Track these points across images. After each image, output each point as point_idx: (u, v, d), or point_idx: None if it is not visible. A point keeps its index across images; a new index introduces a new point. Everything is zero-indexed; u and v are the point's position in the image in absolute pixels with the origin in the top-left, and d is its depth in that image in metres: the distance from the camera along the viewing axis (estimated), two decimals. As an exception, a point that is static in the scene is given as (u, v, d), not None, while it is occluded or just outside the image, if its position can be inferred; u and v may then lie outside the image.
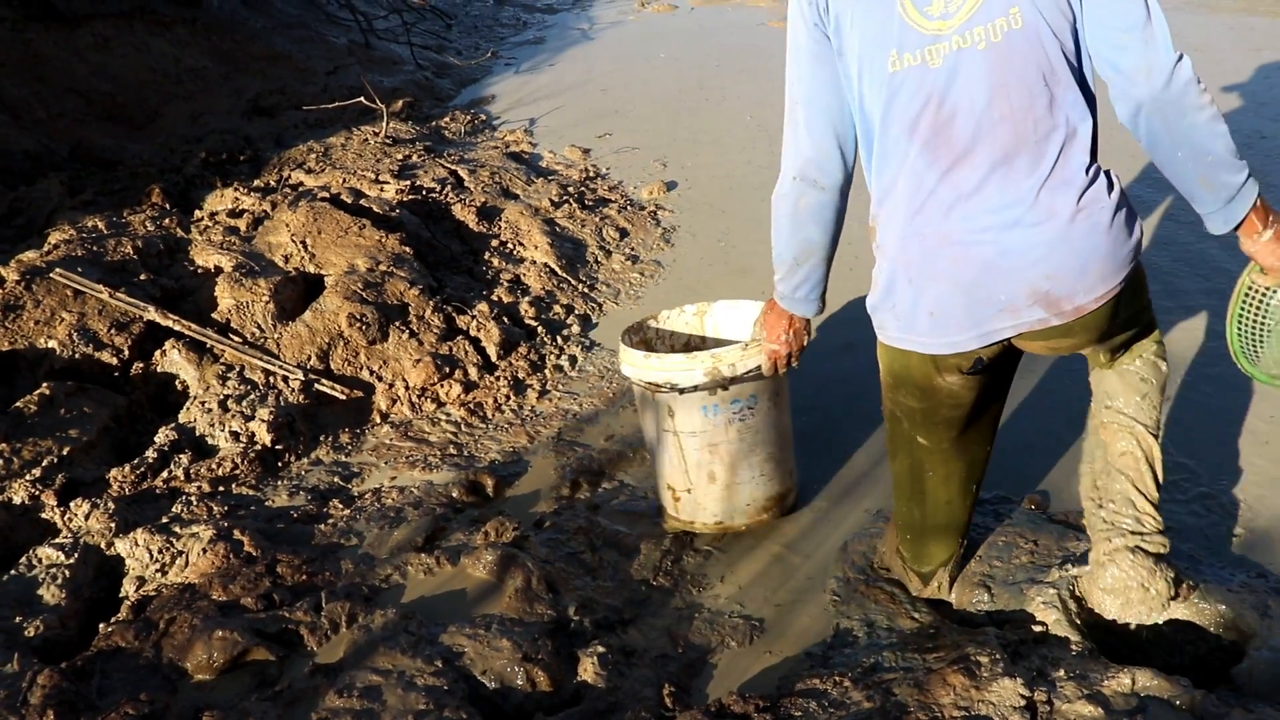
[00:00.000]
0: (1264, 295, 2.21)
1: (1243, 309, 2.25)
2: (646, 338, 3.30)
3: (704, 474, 3.01)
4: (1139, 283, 2.27)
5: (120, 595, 2.88)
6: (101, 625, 2.70)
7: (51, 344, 3.70)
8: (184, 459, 3.38)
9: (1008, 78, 2.00)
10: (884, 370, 2.43)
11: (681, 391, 2.88)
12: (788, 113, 2.27)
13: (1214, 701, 2.25)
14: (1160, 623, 2.59)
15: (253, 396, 3.64)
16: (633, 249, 5.06)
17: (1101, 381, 2.55)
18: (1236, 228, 2.09)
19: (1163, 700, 2.25)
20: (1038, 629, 2.63)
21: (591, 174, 5.97)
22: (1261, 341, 2.26)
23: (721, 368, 2.81)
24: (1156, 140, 2.05)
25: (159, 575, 2.89)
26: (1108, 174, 2.11)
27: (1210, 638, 2.57)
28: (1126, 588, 2.53)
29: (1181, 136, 2.01)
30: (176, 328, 3.78)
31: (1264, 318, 2.22)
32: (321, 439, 3.60)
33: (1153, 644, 2.60)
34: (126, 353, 3.73)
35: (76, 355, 3.68)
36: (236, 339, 3.84)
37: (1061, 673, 2.36)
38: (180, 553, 2.94)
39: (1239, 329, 2.27)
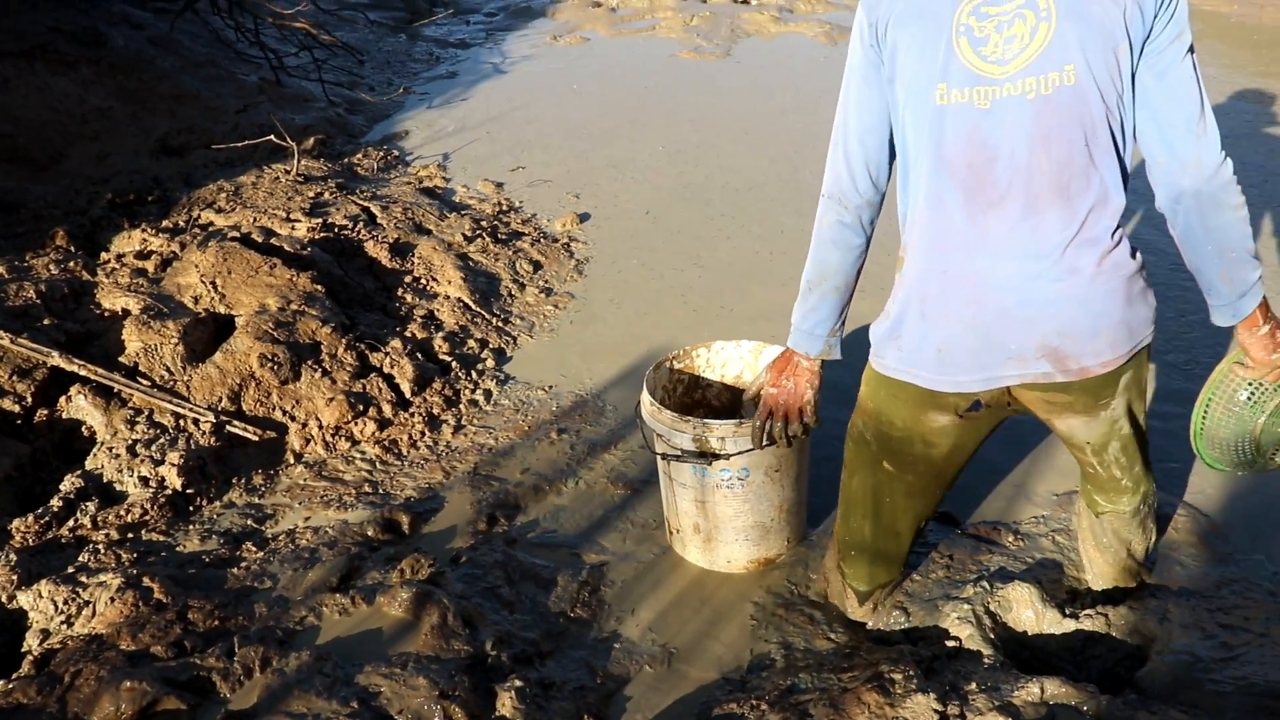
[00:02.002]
0: (1237, 387, 2.31)
1: (1213, 395, 2.35)
2: (695, 365, 3.31)
3: (690, 522, 3.03)
4: (1144, 369, 2.32)
5: (23, 650, 2.80)
6: (1, 683, 2.62)
7: (-50, 393, 3.61)
8: (91, 507, 3.31)
9: (1051, 131, 2.03)
10: (867, 395, 2.45)
11: (671, 457, 2.89)
12: (833, 130, 2.28)
13: (1119, 706, 2.32)
14: (1070, 631, 2.67)
15: (162, 440, 3.58)
16: (546, 281, 5.08)
17: (1088, 552, 2.76)
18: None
19: (1071, 707, 2.31)
20: (952, 644, 2.68)
21: (505, 207, 5.98)
22: (1222, 426, 2.37)
23: (710, 438, 2.80)
24: (1190, 230, 2.13)
25: (64, 627, 2.82)
26: (1132, 246, 2.16)
27: (1116, 644, 2.64)
28: None
29: (1214, 231, 2.10)
30: (82, 372, 3.70)
31: (1232, 407, 2.33)
32: (234, 481, 3.55)
33: (1063, 654, 2.67)
34: (29, 400, 3.64)
35: (-23, 404, 3.59)
36: (145, 382, 3.78)
37: (974, 686, 2.41)
38: (87, 603, 2.87)
39: (1206, 410, 2.37)
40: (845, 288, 2.40)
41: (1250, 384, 2.30)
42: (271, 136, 6.44)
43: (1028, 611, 2.72)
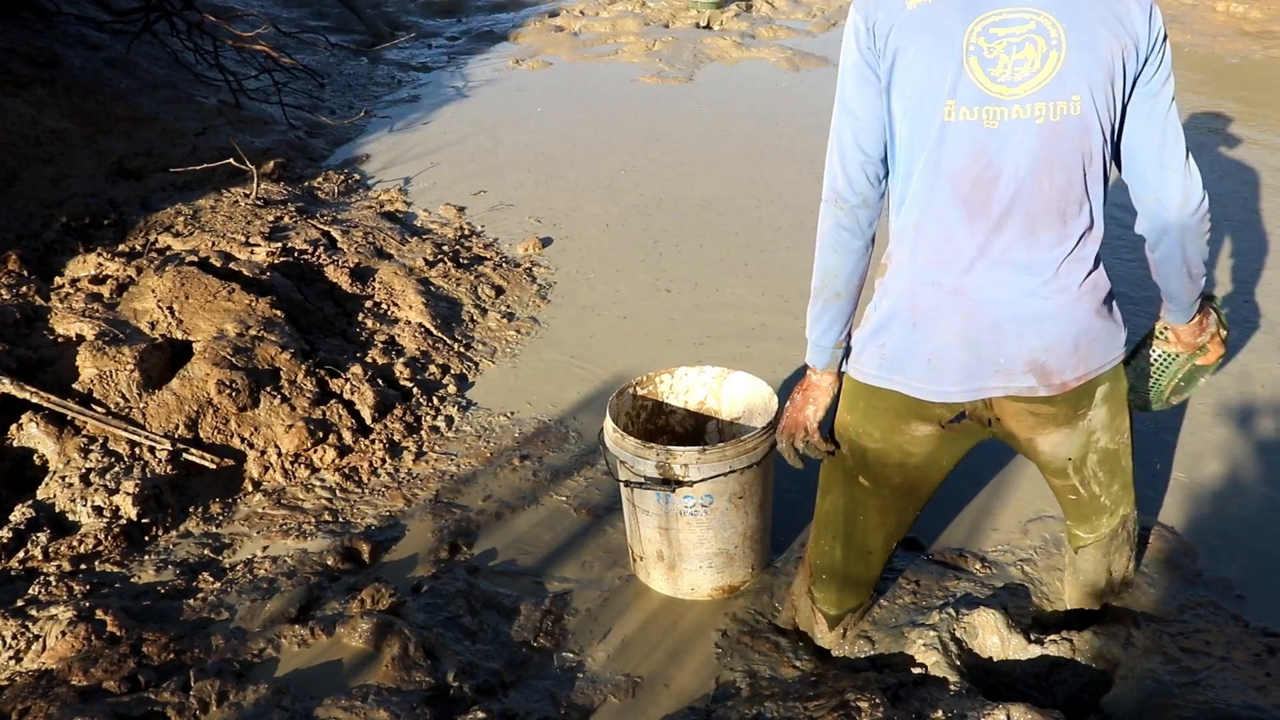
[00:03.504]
0: (1152, 352, 2.66)
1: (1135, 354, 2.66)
2: (659, 391, 3.30)
3: (653, 549, 3.01)
4: (1120, 385, 2.41)
5: (-30, 686, 2.74)
6: (-53, 720, 2.56)
7: (-102, 421, 3.53)
8: (42, 537, 3.25)
9: (1055, 158, 2.08)
10: (845, 406, 2.45)
11: (635, 484, 2.87)
12: (829, 134, 2.27)
13: (1084, 731, 2.33)
14: (1036, 657, 2.68)
15: (117, 469, 3.52)
16: (509, 307, 5.05)
17: (1067, 587, 2.84)
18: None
19: (1036, 734, 2.31)
20: (918, 671, 2.68)
21: (466, 232, 5.95)
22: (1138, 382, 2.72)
23: (674, 465, 2.78)
24: (1169, 257, 2.31)
25: (13, 663, 2.75)
26: (1105, 268, 2.27)
27: (1081, 670, 2.65)
28: None
29: (1190, 257, 2.30)
30: (34, 399, 3.64)
31: (1143, 367, 2.69)
32: (191, 510, 3.50)
33: (1028, 680, 2.68)
34: (-21, 428, 3.58)
35: (-75, 432, 3.52)
36: (99, 409, 3.71)
37: (940, 713, 2.41)
38: (37, 637, 2.80)
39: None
40: (848, 294, 2.36)
41: (1165, 354, 2.64)
42: (231, 160, 6.38)
43: (993, 638, 2.72)
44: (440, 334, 4.68)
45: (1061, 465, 2.45)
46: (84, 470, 3.48)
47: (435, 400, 4.17)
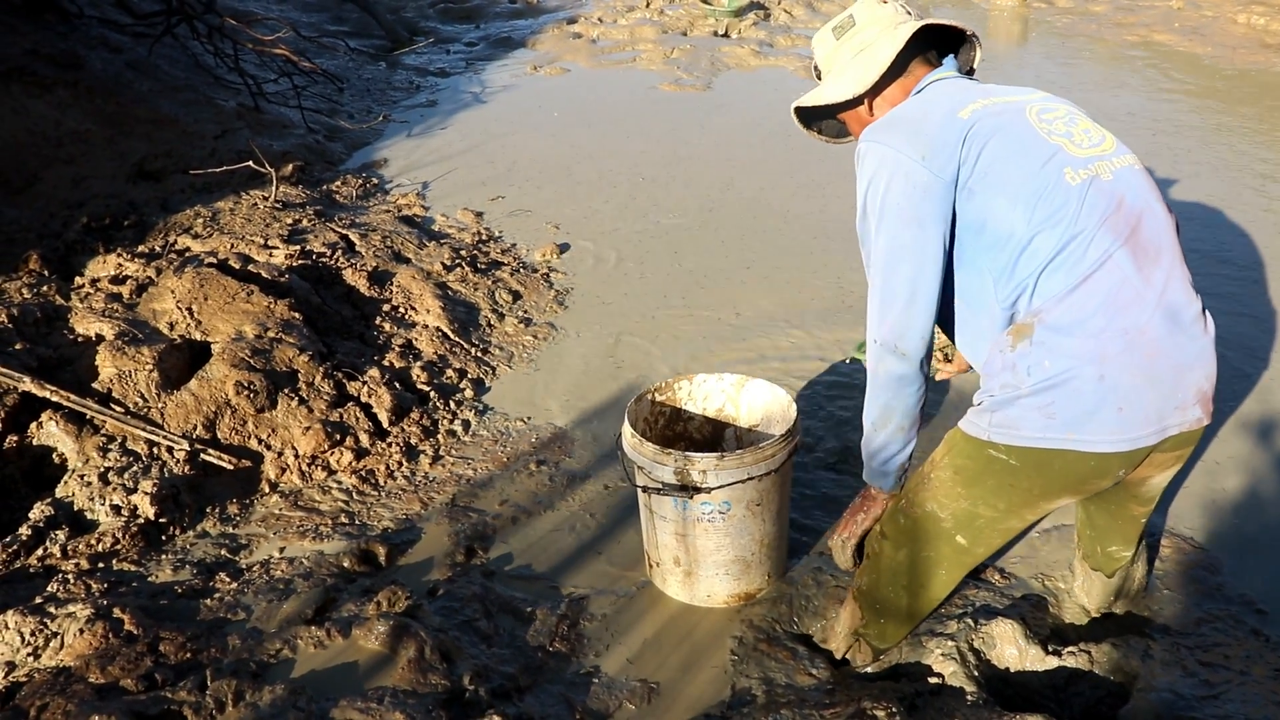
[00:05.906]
0: None
1: None
2: (677, 398, 3.30)
3: (670, 555, 3.01)
4: None
5: (-11, 682, 2.75)
6: (-33, 716, 2.57)
7: (-81, 418, 3.54)
8: (61, 535, 3.26)
9: (1157, 194, 2.26)
10: (965, 479, 2.36)
11: (652, 490, 2.87)
12: (880, 277, 2.30)
13: (1101, 745, 2.31)
14: (1054, 668, 2.67)
15: (135, 468, 3.53)
16: (526, 312, 5.06)
17: (1092, 597, 2.92)
18: None
19: (1053, 746, 2.30)
20: (935, 681, 2.67)
21: (484, 237, 5.96)
22: None
23: (692, 472, 2.77)
24: None
25: (31, 659, 2.76)
26: None
27: (1099, 681, 2.64)
28: None
29: None
30: (54, 398, 3.65)
31: None
32: (208, 510, 3.51)
33: (1045, 691, 2.66)
34: None
35: (-54, 429, 3.53)
36: (118, 409, 3.73)
37: (956, 723, 2.40)
38: (55, 634, 2.81)
39: None
40: (912, 423, 2.42)
41: None
42: (250, 163, 6.41)
43: (1011, 648, 2.71)
44: (457, 338, 4.68)
45: (1155, 494, 2.50)
46: (102, 469, 3.49)
47: (452, 404, 4.18)
